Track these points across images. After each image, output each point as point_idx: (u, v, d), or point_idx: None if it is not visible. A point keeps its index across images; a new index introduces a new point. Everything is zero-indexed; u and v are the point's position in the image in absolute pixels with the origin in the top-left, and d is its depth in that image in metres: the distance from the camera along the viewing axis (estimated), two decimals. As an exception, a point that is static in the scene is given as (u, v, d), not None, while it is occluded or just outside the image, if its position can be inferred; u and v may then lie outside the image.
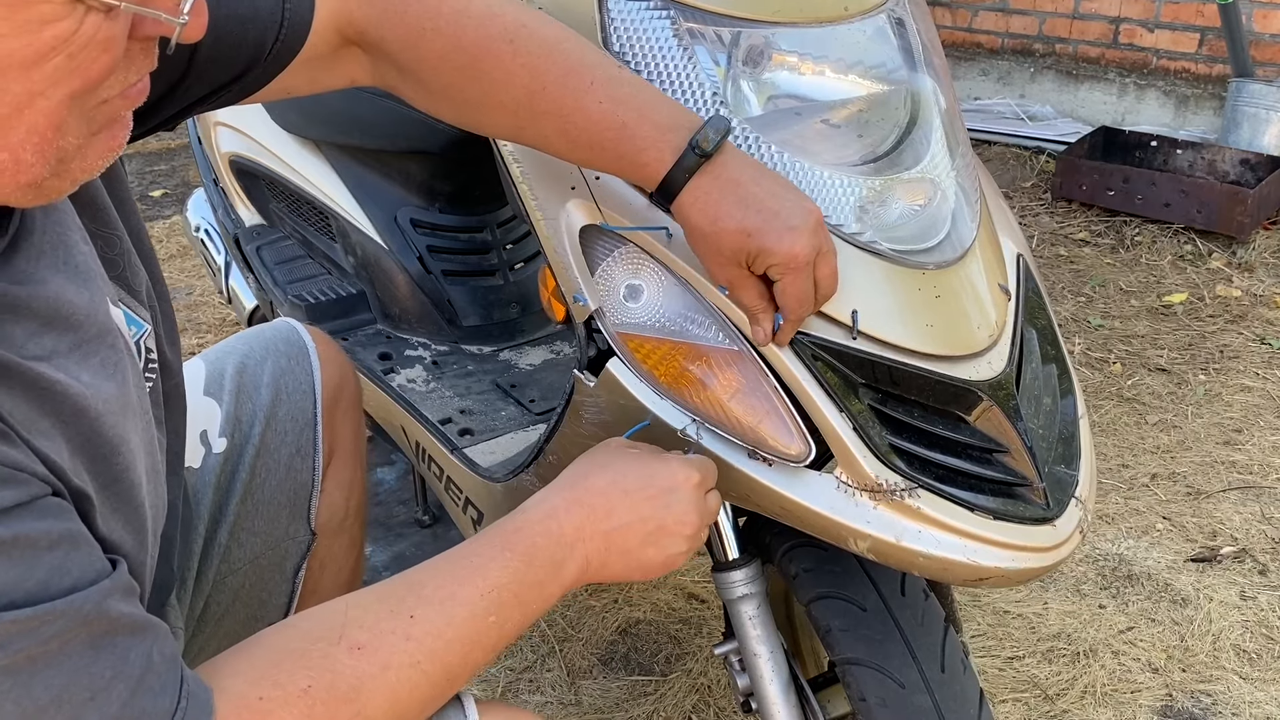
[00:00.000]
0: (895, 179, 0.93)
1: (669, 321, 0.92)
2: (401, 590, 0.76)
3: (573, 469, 0.87)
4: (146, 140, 4.46)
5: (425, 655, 0.73)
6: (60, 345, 0.66)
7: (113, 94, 0.62)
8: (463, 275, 1.73)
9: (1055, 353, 1.03)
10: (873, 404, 0.89)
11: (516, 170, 0.96)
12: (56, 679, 0.59)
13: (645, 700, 1.70)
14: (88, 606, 0.60)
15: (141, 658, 0.63)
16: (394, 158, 1.70)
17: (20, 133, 0.58)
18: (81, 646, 0.60)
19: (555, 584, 0.82)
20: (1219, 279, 3.07)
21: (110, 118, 0.63)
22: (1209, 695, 1.70)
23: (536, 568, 0.80)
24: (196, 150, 2.14)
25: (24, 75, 0.56)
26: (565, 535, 0.82)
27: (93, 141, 0.63)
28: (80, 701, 0.60)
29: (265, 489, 1.16)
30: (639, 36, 0.90)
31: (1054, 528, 0.91)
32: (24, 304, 0.65)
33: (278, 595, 1.22)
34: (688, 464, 0.87)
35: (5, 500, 0.58)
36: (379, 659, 0.72)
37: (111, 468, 0.70)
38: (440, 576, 0.77)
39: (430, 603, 0.75)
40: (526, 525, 0.82)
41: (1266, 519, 2.10)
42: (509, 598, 0.78)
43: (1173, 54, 3.94)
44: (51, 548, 0.59)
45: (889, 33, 0.96)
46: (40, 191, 0.62)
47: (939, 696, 0.98)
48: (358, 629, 0.72)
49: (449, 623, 0.75)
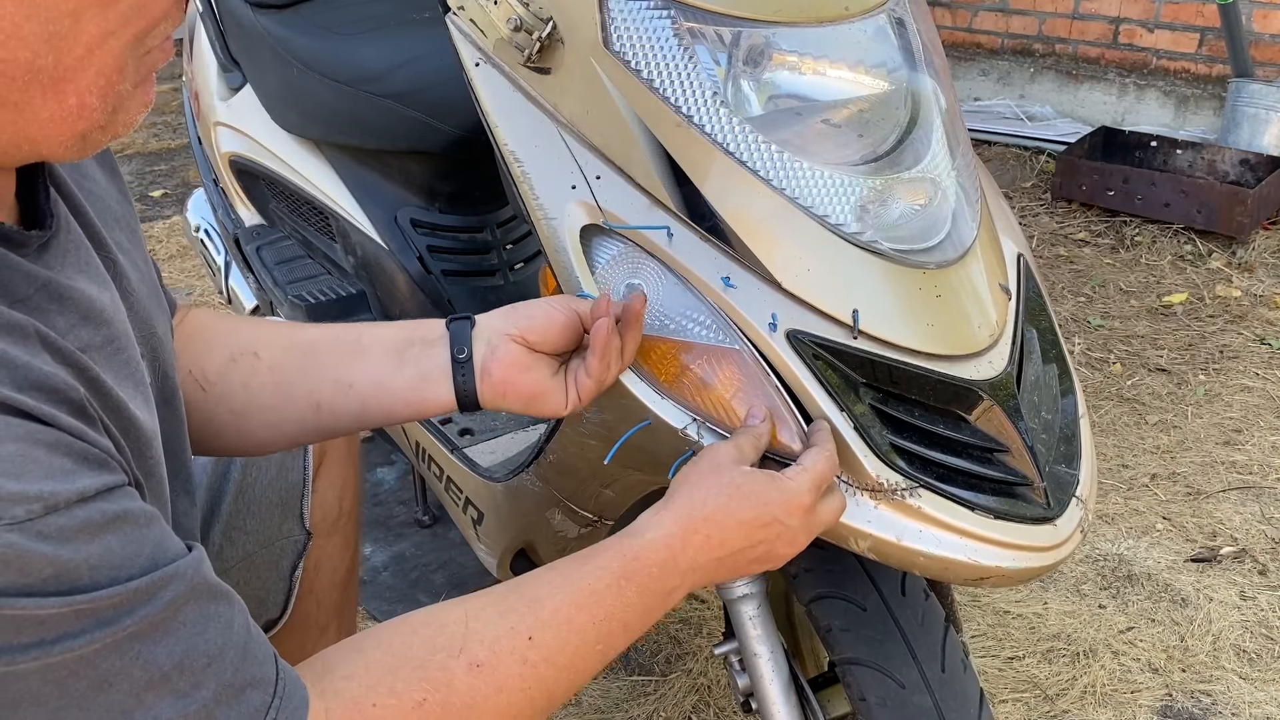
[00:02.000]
0: (895, 179, 0.93)
1: (668, 320, 0.92)
2: (521, 606, 0.74)
3: (688, 490, 0.82)
4: (147, 140, 4.43)
5: (535, 682, 0.72)
6: (95, 340, 0.67)
7: (156, 44, 0.63)
8: (463, 275, 1.73)
9: (1056, 352, 1.03)
10: (873, 403, 0.89)
11: (517, 170, 0.96)
12: (178, 646, 0.60)
13: (645, 700, 1.70)
14: (190, 571, 0.62)
15: (242, 625, 0.65)
16: (394, 158, 1.70)
17: (90, 75, 0.59)
18: (193, 614, 0.62)
19: (661, 610, 0.80)
20: (1219, 279, 3.07)
21: (150, 69, 0.64)
22: (1209, 695, 1.70)
23: (648, 596, 0.79)
24: (196, 150, 2.14)
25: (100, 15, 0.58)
26: (680, 565, 0.80)
27: (135, 92, 0.64)
28: (200, 667, 0.61)
29: (256, 488, 1.17)
30: (639, 36, 0.90)
31: (1055, 527, 0.91)
32: (67, 293, 0.66)
33: (274, 594, 1.22)
34: (802, 489, 0.83)
35: (109, 481, 0.60)
36: (495, 680, 0.71)
37: (147, 461, 0.71)
38: (559, 596, 0.75)
39: (548, 626, 0.74)
40: (645, 554, 0.79)
41: (1266, 519, 2.10)
42: (618, 627, 0.77)
43: (1173, 54, 3.94)
44: (149, 525, 0.61)
45: (889, 32, 0.96)
46: (87, 143, 0.63)
47: (939, 696, 0.98)
48: (478, 644, 0.71)
49: (562, 650, 0.74)
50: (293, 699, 0.65)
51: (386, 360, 0.93)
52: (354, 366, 0.93)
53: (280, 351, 0.95)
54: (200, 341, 0.97)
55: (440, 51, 1.10)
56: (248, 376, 0.95)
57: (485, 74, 0.98)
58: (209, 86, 1.99)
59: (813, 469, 0.83)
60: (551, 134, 0.95)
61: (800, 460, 0.84)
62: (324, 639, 1.32)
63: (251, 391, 0.95)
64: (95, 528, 0.58)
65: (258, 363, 0.95)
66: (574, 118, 0.94)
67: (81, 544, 0.57)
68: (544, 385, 0.92)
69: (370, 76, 1.61)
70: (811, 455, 0.84)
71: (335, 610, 1.33)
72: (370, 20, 1.75)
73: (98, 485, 0.58)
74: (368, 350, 0.94)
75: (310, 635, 1.30)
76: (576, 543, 1.28)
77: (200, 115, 2.05)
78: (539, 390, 0.92)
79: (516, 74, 0.96)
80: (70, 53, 0.58)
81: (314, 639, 1.31)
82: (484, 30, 0.97)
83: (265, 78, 1.82)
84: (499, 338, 0.92)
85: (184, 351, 0.96)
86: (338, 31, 1.73)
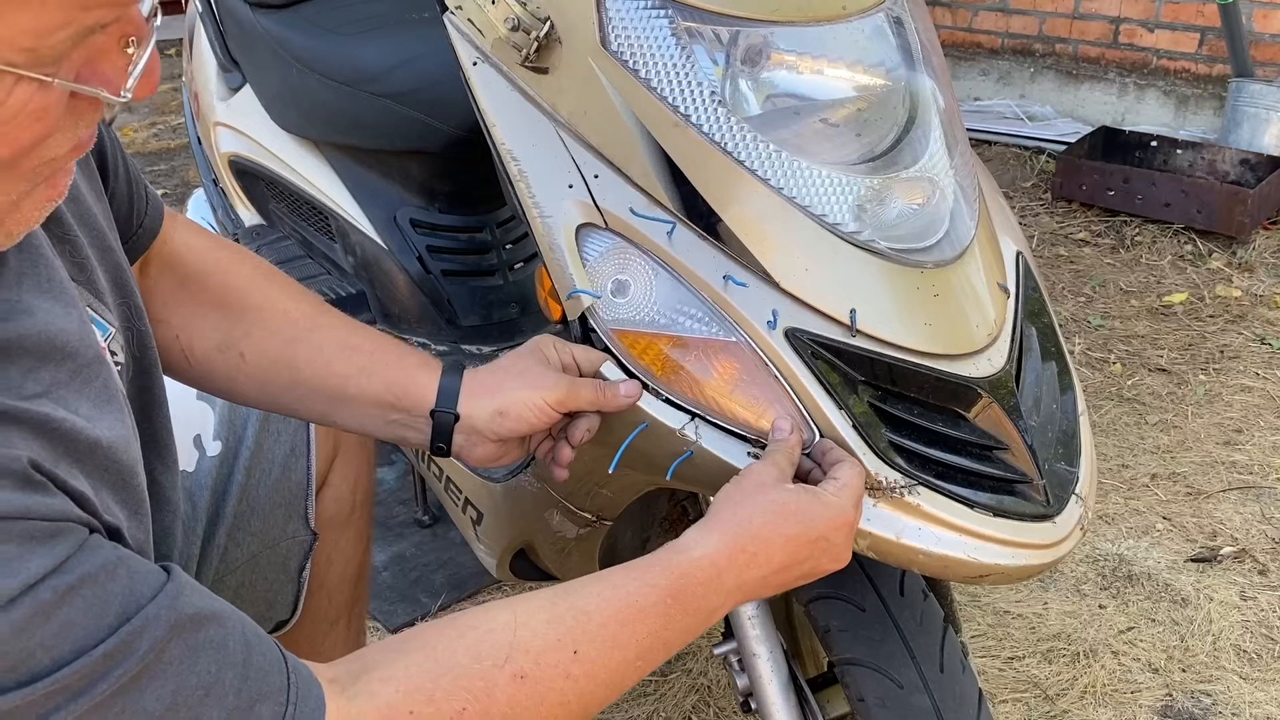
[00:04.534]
0: (894, 178, 0.93)
1: (659, 315, 0.91)
2: (570, 618, 0.73)
3: (732, 509, 0.82)
4: (147, 140, 4.42)
5: (576, 696, 0.72)
6: (59, 377, 0.65)
7: (60, 152, 0.60)
8: (462, 275, 1.73)
9: (1055, 350, 1.03)
10: (872, 402, 0.89)
11: (515, 169, 0.96)
12: (166, 688, 0.59)
13: (645, 700, 1.70)
14: (165, 610, 0.60)
15: (239, 643, 0.63)
16: (394, 158, 1.70)
17: None
18: (179, 651, 0.60)
19: (701, 628, 0.79)
20: (1219, 279, 3.07)
21: (54, 170, 0.61)
22: (1209, 695, 1.70)
23: (690, 615, 0.78)
24: (196, 150, 2.14)
25: None
26: (725, 584, 0.79)
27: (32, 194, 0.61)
28: (196, 701, 0.60)
29: (260, 489, 1.16)
30: (637, 36, 0.90)
31: (1054, 525, 0.91)
32: (15, 342, 0.63)
33: (283, 596, 1.22)
34: (846, 505, 0.83)
35: (61, 553, 0.57)
36: (538, 692, 0.70)
37: (134, 493, 0.69)
38: (607, 610, 0.75)
39: (594, 641, 0.73)
40: (692, 572, 0.78)
41: (1266, 519, 2.10)
42: (658, 644, 0.76)
43: (1173, 54, 3.94)
44: (113, 578, 0.59)
45: (887, 32, 0.96)
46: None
47: (938, 697, 0.98)
48: (524, 655, 0.70)
49: (605, 666, 0.73)
50: (307, 701, 0.64)
51: (370, 414, 0.97)
52: (337, 412, 0.98)
53: (267, 364, 0.97)
54: (191, 302, 0.98)
55: (439, 51, 1.09)
56: (233, 372, 0.98)
57: (483, 74, 0.98)
58: (209, 86, 1.99)
59: (852, 484, 0.84)
60: (549, 133, 0.95)
61: (835, 474, 0.85)
62: (334, 633, 1.32)
63: (236, 385, 0.99)
64: (49, 607, 0.55)
65: (243, 364, 0.97)
66: (572, 117, 0.94)
67: (36, 629, 0.55)
68: (509, 456, 0.98)
69: (369, 76, 1.61)
70: (845, 470, 0.85)
71: (347, 605, 1.33)
72: (369, 20, 1.75)
73: (47, 565, 0.56)
74: (351, 403, 0.97)
75: (320, 630, 1.30)
76: (575, 543, 1.28)
77: (200, 115, 2.05)
78: (502, 458, 0.98)
79: (514, 74, 0.96)
80: None
81: (324, 633, 1.30)
82: (482, 30, 0.97)
83: (265, 78, 1.82)
84: (477, 438, 0.95)
85: (175, 306, 0.98)
86: (337, 31, 1.73)
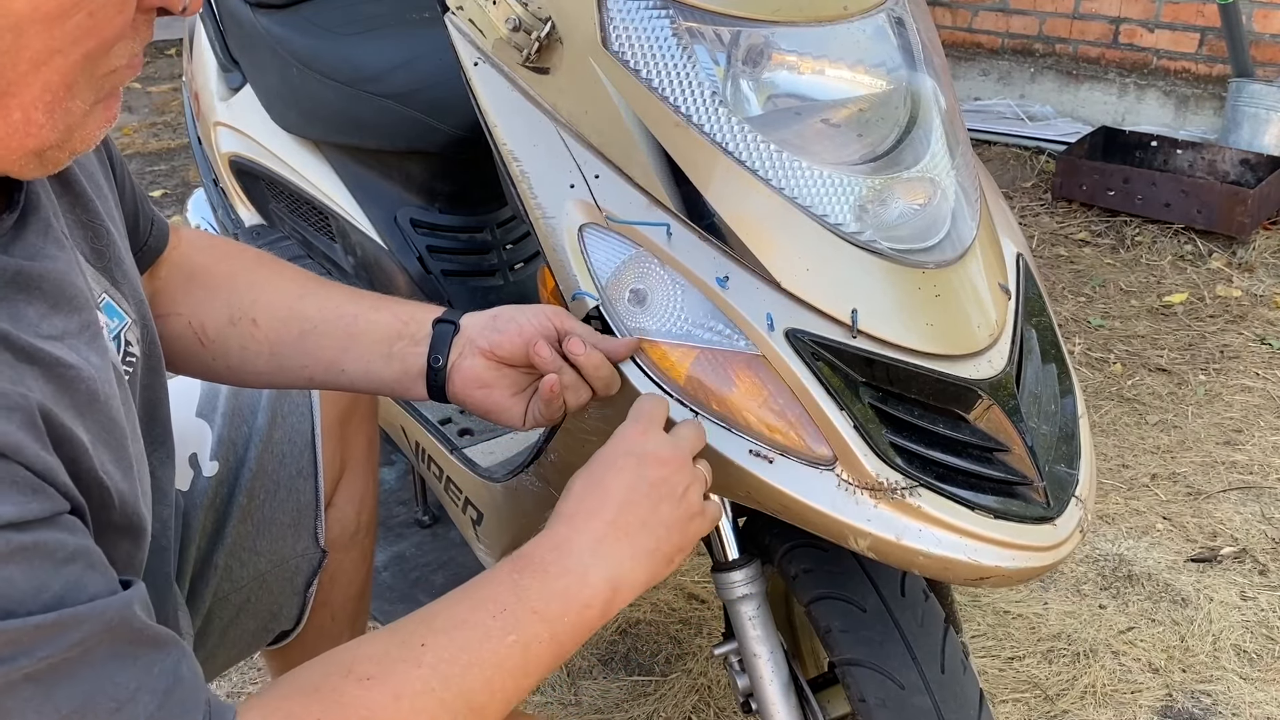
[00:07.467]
0: (895, 178, 0.93)
1: (675, 326, 0.91)
2: (412, 624, 0.75)
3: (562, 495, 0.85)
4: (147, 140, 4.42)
5: (439, 682, 0.72)
6: (70, 326, 0.66)
7: (120, 63, 0.62)
8: (463, 275, 1.73)
9: (1055, 352, 1.03)
10: (873, 403, 0.89)
11: (516, 169, 0.96)
12: (79, 688, 0.58)
13: (645, 700, 1.70)
14: (110, 613, 0.59)
15: (167, 672, 0.62)
16: (394, 158, 1.70)
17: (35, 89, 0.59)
18: (105, 655, 0.59)
19: (583, 589, 0.78)
20: (1219, 279, 3.07)
21: (113, 87, 0.64)
22: (1209, 695, 1.70)
23: (552, 580, 0.77)
24: (196, 150, 2.14)
25: (46, 30, 0.57)
26: (575, 545, 0.79)
27: (94, 110, 0.63)
28: (105, 712, 0.58)
29: (265, 510, 1.16)
30: (638, 36, 0.90)
31: (1054, 527, 0.91)
32: (37, 282, 0.65)
33: (288, 609, 1.22)
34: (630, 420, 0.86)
35: (31, 512, 0.57)
36: (389, 688, 0.70)
37: (126, 454, 0.70)
38: (451, 607, 0.76)
39: (440, 631, 0.74)
40: (531, 549, 0.80)
41: (1266, 519, 2.10)
42: (526, 614, 0.76)
43: (1173, 54, 3.94)
44: (68, 561, 0.59)
45: (889, 32, 0.96)
46: (43, 161, 0.63)
47: (939, 697, 0.98)
48: (367, 662, 0.72)
49: (462, 648, 0.73)
50: None
51: (376, 350, 0.97)
52: (346, 353, 0.98)
53: (279, 324, 0.99)
54: (200, 289, 1.01)
55: (439, 51, 1.09)
56: (245, 340, 0.99)
57: (484, 74, 0.98)
58: (209, 86, 1.99)
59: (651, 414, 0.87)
60: (550, 134, 0.95)
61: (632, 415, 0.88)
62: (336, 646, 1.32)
63: (249, 354, 1.00)
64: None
65: (256, 330, 0.99)
66: (573, 117, 0.94)
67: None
68: (500, 404, 0.96)
69: (369, 76, 1.61)
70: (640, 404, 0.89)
71: (349, 621, 1.34)
72: (369, 20, 1.75)
73: (12, 514, 0.56)
74: (360, 337, 0.97)
75: (323, 647, 1.29)
76: (576, 543, 1.28)
77: (200, 115, 2.05)
78: (494, 407, 0.96)
79: (515, 74, 0.96)
80: (13, 68, 0.57)
81: (326, 648, 1.30)
82: (483, 30, 0.97)
83: (265, 78, 1.82)
84: (470, 349, 0.95)
85: (185, 297, 1.00)
86: (337, 31, 1.73)
